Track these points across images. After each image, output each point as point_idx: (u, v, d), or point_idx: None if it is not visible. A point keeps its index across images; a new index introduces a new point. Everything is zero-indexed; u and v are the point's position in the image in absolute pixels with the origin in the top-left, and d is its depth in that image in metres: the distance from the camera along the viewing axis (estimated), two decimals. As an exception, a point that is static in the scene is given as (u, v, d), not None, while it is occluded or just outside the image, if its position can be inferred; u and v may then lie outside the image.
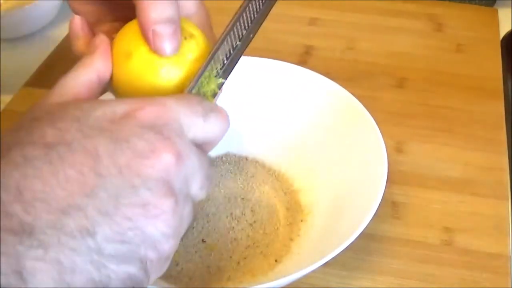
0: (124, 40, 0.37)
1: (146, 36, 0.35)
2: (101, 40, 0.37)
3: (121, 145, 0.29)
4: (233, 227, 0.49)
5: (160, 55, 0.35)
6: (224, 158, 0.55)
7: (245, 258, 0.47)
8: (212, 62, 0.36)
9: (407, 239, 0.50)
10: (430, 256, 0.49)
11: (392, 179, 0.47)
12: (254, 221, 0.50)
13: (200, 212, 0.50)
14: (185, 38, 0.37)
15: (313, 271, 0.41)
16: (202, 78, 0.36)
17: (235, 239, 0.49)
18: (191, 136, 0.32)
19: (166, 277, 0.45)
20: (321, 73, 0.54)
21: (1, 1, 0.74)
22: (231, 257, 0.47)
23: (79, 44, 0.40)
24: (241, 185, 0.53)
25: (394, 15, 0.76)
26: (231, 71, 0.37)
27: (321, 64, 0.67)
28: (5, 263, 0.25)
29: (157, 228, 0.29)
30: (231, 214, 0.51)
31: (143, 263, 0.29)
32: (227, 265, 0.47)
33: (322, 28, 0.74)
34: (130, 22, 0.37)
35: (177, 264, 0.46)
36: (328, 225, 0.47)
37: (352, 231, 0.41)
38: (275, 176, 0.54)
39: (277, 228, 0.50)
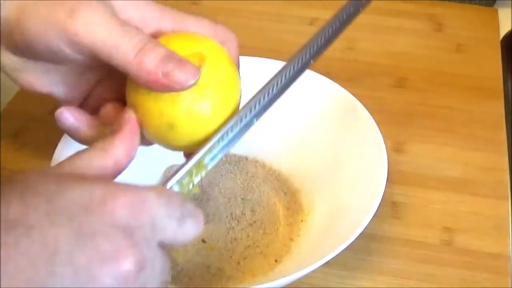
0: (155, 111, 0.36)
1: (161, 85, 0.34)
2: (129, 119, 0.35)
3: (84, 241, 0.27)
4: (233, 227, 0.49)
5: (187, 88, 0.34)
6: (224, 158, 0.54)
7: (245, 258, 0.47)
8: (204, 152, 0.36)
9: (407, 239, 0.50)
10: (430, 256, 0.49)
11: (392, 179, 0.47)
12: (254, 221, 0.50)
13: (200, 212, 0.50)
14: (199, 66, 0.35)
15: (313, 271, 0.41)
16: (192, 168, 0.35)
17: (235, 239, 0.49)
18: (160, 238, 0.30)
19: (166, 277, 0.45)
20: (321, 73, 0.54)
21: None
22: (231, 257, 0.47)
23: (83, 134, 0.38)
24: (241, 185, 0.53)
25: (394, 15, 0.76)
26: (222, 155, 0.37)
27: (321, 64, 0.67)
28: None
29: None
30: (231, 214, 0.50)
31: None
32: (227, 265, 0.47)
33: (322, 28, 0.74)
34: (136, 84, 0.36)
35: (177, 264, 0.46)
36: (328, 225, 0.47)
37: (352, 231, 0.41)
38: (275, 176, 0.54)
39: (277, 228, 0.50)
